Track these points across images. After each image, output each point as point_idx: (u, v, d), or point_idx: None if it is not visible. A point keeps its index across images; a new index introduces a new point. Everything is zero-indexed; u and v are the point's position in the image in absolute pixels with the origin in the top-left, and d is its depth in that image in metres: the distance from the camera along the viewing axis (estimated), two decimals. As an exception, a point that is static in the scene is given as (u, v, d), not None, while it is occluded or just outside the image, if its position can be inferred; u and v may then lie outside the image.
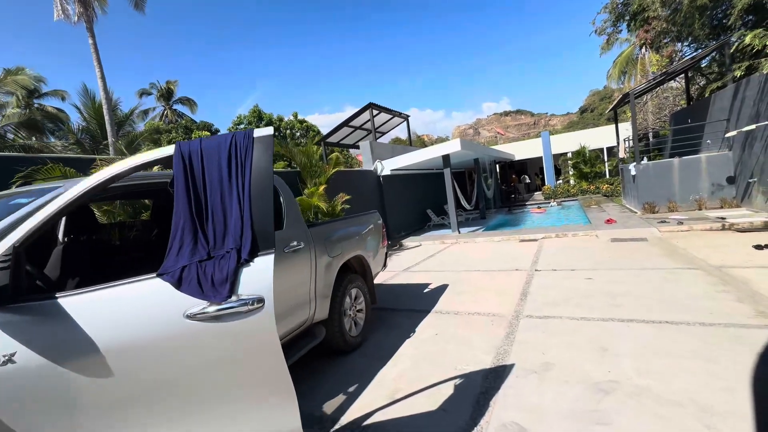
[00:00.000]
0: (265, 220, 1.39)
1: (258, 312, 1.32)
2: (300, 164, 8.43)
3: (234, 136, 1.50)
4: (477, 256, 8.06)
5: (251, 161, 1.42)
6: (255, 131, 1.50)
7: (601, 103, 74.59)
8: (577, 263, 6.19)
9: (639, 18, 10.42)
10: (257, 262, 1.39)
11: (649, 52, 29.02)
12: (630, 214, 10.80)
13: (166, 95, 38.09)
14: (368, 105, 12.33)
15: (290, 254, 2.74)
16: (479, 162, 15.35)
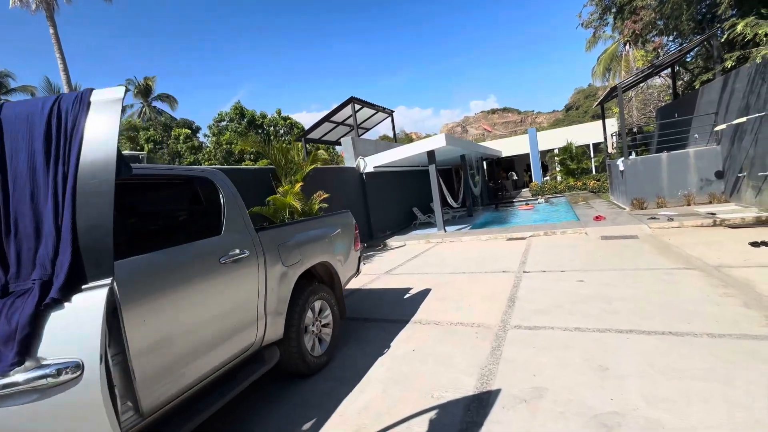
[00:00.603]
0: (99, 231, 0.89)
1: (72, 387, 0.83)
2: (274, 161, 7.88)
3: (59, 100, 0.99)
4: (463, 256, 7.65)
5: (80, 138, 0.92)
6: (92, 92, 0.99)
7: (586, 101, 75.50)
8: (567, 263, 5.83)
9: (627, 9, 10.15)
10: (77, 302, 0.90)
11: (633, 48, 29.29)
12: (618, 210, 10.56)
13: (144, 92, 36.78)
14: (350, 99, 11.81)
15: (229, 266, 2.24)
16: (466, 159, 14.99)
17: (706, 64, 12.77)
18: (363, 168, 11.57)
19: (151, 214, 2.04)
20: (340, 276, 3.50)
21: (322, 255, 3.24)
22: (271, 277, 2.59)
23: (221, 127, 28.31)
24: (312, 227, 3.23)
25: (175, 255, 1.94)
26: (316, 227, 3.31)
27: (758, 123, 7.67)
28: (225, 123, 28.47)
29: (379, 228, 12.44)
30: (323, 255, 3.26)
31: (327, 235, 3.39)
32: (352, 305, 5.10)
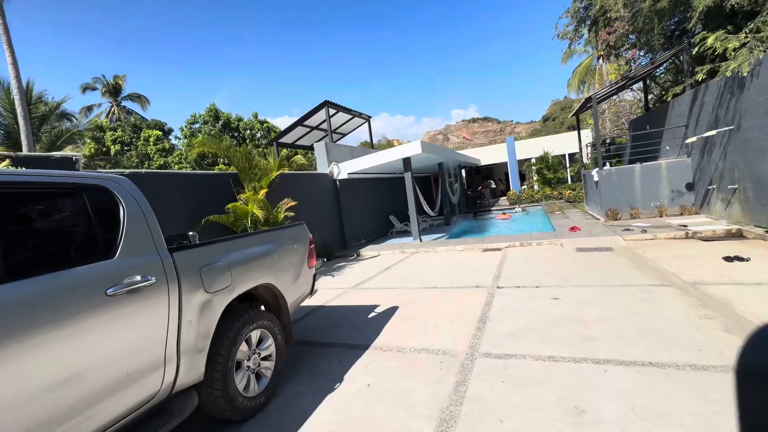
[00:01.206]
0: None
1: None
2: (237, 165, 7.36)
3: None
4: (436, 268, 7.31)
5: None
6: None
7: (562, 113, 77.92)
8: (542, 278, 5.56)
9: (601, 20, 10.21)
10: None
11: (606, 62, 30.25)
12: (593, 221, 10.52)
13: (114, 91, 35.22)
14: (324, 103, 11.40)
15: (120, 298, 1.77)
16: (444, 166, 14.80)
17: (675, 78, 13.08)
18: (337, 174, 11.14)
19: (7, 236, 1.55)
20: (287, 299, 3.05)
21: (263, 276, 2.79)
22: (188, 308, 2.13)
23: (194, 129, 27.27)
24: (252, 244, 2.78)
25: (32, 288, 1.47)
26: (258, 243, 2.85)
27: (727, 136, 7.73)
28: (198, 125, 27.45)
29: (353, 237, 12.01)
30: (265, 276, 2.81)
31: (272, 252, 2.94)
32: (310, 326, 4.64)
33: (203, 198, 6.75)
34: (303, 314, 5.16)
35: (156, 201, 6.09)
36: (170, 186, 6.14)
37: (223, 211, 6.82)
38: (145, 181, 5.71)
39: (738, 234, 6.99)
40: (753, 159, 6.92)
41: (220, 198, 6.98)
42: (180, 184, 6.35)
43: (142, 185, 5.84)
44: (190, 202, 6.48)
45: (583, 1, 11.71)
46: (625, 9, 8.58)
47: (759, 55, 6.39)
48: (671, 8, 8.63)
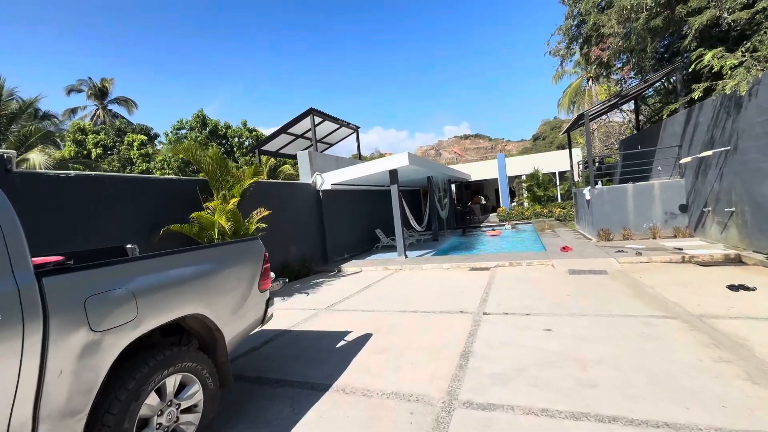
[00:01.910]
0: None
1: None
2: (207, 171, 6.79)
3: None
4: (420, 288, 6.76)
5: None
6: None
7: (552, 132, 79.45)
8: (533, 303, 5.05)
9: (593, 37, 10.06)
10: None
11: (596, 84, 30.75)
12: (585, 240, 10.14)
13: (100, 94, 34.46)
14: (309, 110, 10.95)
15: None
16: (433, 180, 14.41)
17: (666, 100, 13.02)
18: (320, 185, 10.61)
19: None
20: (224, 333, 2.47)
21: (190, 305, 2.22)
22: (58, 354, 1.55)
23: (180, 135, 26.60)
24: (175, 264, 2.21)
25: None
26: (185, 263, 2.29)
27: (723, 157, 7.46)
28: (185, 131, 26.80)
29: (336, 251, 11.42)
30: (193, 304, 2.24)
31: (205, 274, 2.38)
32: (268, 356, 4.03)
33: (166, 206, 6.14)
34: (263, 340, 4.54)
35: (106, 207, 5.50)
36: (124, 191, 5.53)
37: (188, 220, 6.22)
38: (92, 185, 5.10)
39: (737, 259, 6.62)
40: (752, 181, 6.62)
41: (185, 206, 6.37)
42: (137, 189, 5.74)
43: (90, 190, 5.25)
44: (149, 210, 5.86)
45: (575, 19, 11.62)
46: (618, 25, 8.40)
47: (758, 74, 6.15)
48: (665, 26, 8.47)
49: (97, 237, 5.03)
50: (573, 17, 11.60)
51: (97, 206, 5.08)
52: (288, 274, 8.74)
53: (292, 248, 9.36)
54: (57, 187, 4.69)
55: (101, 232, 5.09)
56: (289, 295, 7.18)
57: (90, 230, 4.97)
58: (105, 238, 5.10)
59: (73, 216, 4.81)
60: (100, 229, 5.09)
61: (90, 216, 4.99)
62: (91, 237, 4.96)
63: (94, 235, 5.01)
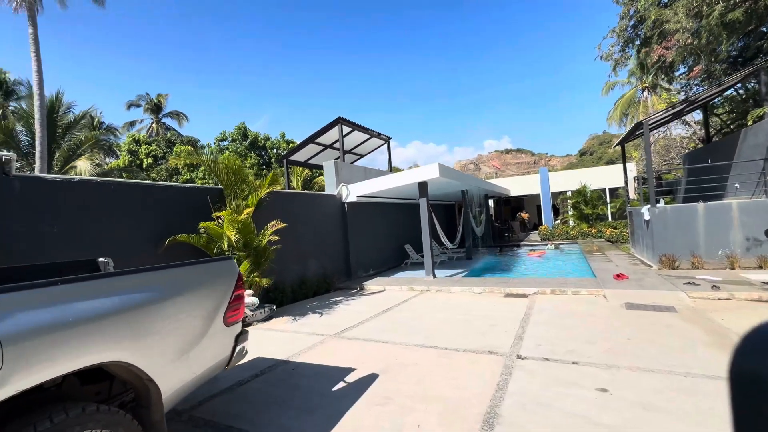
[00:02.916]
0: None
1: None
2: (221, 179, 6.50)
3: None
4: (445, 315, 5.94)
5: None
6: None
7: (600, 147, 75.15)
8: (581, 347, 4.10)
9: (655, 36, 8.86)
10: None
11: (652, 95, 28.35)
12: (643, 268, 8.77)
13: (155, 108, 37.05)
14: (337, 120, 10.61)
15: None
16: (468, 194, 13.51)
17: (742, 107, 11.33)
18: (345, 196, 10.14)
19: None
20: (159, 384, 1.88)
21: (104, 350, 1.65)
22: None
23: (222, 146, 27.68)
24: (87, 293, 1.67)
25: None
26: (105, 292, 1.75)
27: (830, 173, 6.04)
28: (227, 143, 27.86)
29: (361, 266, 10.82)
30: (110, 349, 1.67)
31: (134, 307, 1.82)
32: (250, 397, 3.42)
33: (179, 215, 5.87)
34: (254, 372, 3.97)
35: (111, 215, 5.19)
36: (133, 199, 5.30)
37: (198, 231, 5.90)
38: (97, 190, 4.89)
39: None
40: None
41: (200, 216, 6.08)
42: (147, 197, 5.50)
43: (94, 196, 5.03)
44: (159, 219, 5.60)
45: (632, 19, 10.46)
46: (687, 19, 7.24)
47: None
48: (745, 20, 7.21)
49: (98, 245, 4.78)
50: (629, 17, 10.45)
51: (101, 213, 4.85)
52: (306, 290, 8.24)
53: (312, 262, 8.88)
54: (59, 192, 4.49)
55: (103, 240, 4.84)
56: (302, 314, 6.63)
57: (91, 238, 4.73)
58: (106, 246, 4.84)
59: (74, 222, 4.59)
60: (102, 237, 4.84)
61: (92, 223, 4.76)
62: (92, 245, 4.71)
63: (95, 243, 4.76)
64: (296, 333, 5.40)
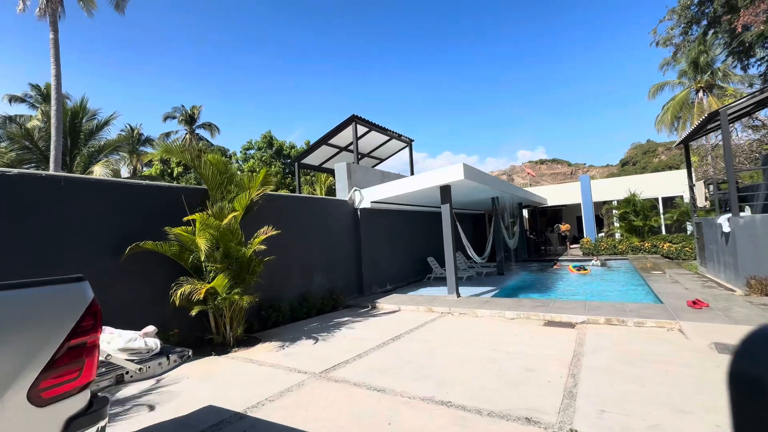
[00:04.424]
0: None
1: None
2: (206, 179, 5.62)
3: None
4: (466, 350, 4.64)
5: None
6: None
7: (644, 157, 70.54)
8: (671, 420, 2.70)
9: (727, 11, 7.19)
10: None
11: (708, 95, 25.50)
12: (724, 292, 6.99)
13: (189, 120, 38.25)
14: (351, 118, 9.64)
15: None
16: (498, 202, 12.06)
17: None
18: (358, 202, 9.07)
19: None
20: None
21: None
22: None
23: (248, 155, 27.73)
24: None
25: None
26: None
27: None
28: (253, 151, 27.90)
29: (376, 281, 9.66)
30: None
31: None
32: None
33: (151, 218, 5.02)
34: (194, 433, 2.88)
35: (63, 216, 3.63)
36: (92, 198, 4.48)
37: (173, 236, 5.01)
38: (43, 187, 4.09)
39: None
40: None
41: (177, 220, 5.20)
42: (112, 196, 4.68)
43: (41, 193, 4.02)
44: (128, 222, 4.76)
45: (697, -5, 8.80)
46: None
47: None
48: None
49: (44, 250, 3.96)
50: (694, -8, 8.81)
51: (50, 214, 4.05)
52: (307, 307, 7.18)
53: (317, 276, 7.83)
54: (-10, 188, 3.70)
55: (49, 247, 4.01)
56: (295, 339, 5.54)
57: (36, 243, 3.90)
58: (52, 254, 4.01)
59: (13, 225, 3.78)
60: (48, 243, 4.01)
61: (37, 226, 3.94)
62: (34, 252, 3.89)
63: (40, 250, 3.94)
64: (275, 368, 4.30)
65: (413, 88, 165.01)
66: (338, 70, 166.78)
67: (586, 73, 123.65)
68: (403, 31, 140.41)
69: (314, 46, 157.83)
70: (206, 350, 5.02)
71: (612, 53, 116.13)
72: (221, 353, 4.94)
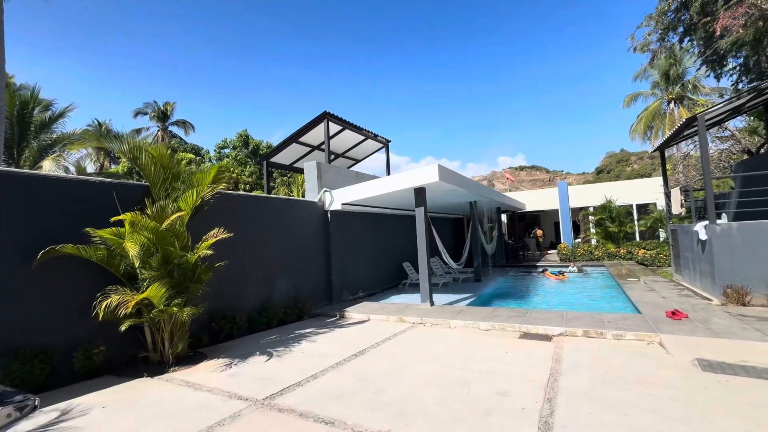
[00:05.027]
0: None
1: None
2: (149, 174, 4.98)
3: None
4: (434, 369, 4.18)
5: None
6: None
7: (618, 165, 72.98)
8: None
9: (701, 19, 7.12)
10: None
11: (679, 107, 26.29)
12: (701, 302, 6.82)
13: (162, 116, 36.67)
14: (323, 115, 9.10)
15: None
16: (477, 207, 11.76)
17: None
18: (328, 204, 8.53)
19: None
20: None
21: None
22: None
23: (223, 154, 26.70)
24: None
25: None
26: None
27: None
28: (228, 150, 26.88)
29: (348, 287, 9.12)
30: None
31: None
32: None
33: (75, 218, 4.34)
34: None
35: None
36: None
37: (102, 239, 4.34)
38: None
39: None
40: None
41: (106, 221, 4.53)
42: (18, 191, 3.99)
43: None
44: (40, 223, 4.08)
45: (674, 2, 8.77)
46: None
47: None
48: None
49: None
50: None
51: None
52: (268, 317, 6.58)
53: (281, 283, 7.24)
54: None
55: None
56: (246, 355, 4.95)
57: None
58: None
59: None
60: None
61: None
62: None
63: None
64: (213, 393, 3.71)
65: (396, 91, 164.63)
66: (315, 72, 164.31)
67: (566, 80, 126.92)
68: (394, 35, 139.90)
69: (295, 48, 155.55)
70: (139, 370, 4.36)
71: (591, 62, 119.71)
72: (156, 374, 4.29)
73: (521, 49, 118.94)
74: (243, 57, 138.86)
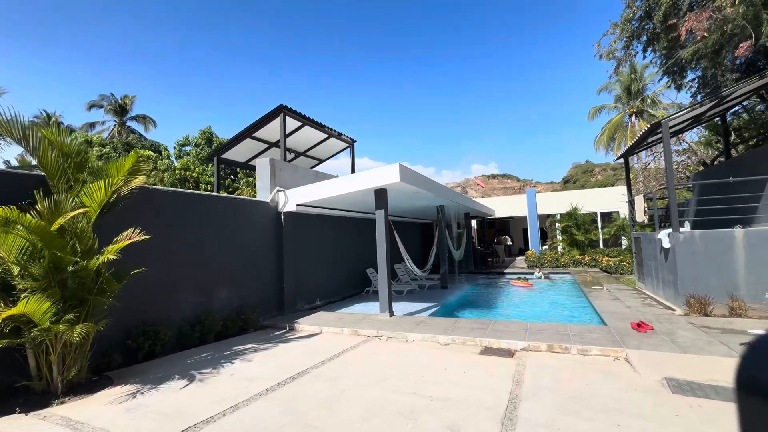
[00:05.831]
0: None
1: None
2: (46, 163, 4.13)
3: None
4: (379, 395, 3.60)
5: None
6: None
7: (583, 176, 75.94)
8: None
9: (665, 28, 7.10)
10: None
11: (639, 120, 27.42)
12: (665, 311, 6.64)
13: (120, 110, 34.41)
14: (278, 108, 8.40)
15: None
16: (444, 211, 11.37)
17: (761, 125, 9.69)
18: (282, 204, 7.82)
19: None
20: None
21: None
22: None
23: (184, 151, 25.19)
24: None
25: None
26: None
27: None
28: (189, 147, 25.39)
29: (303, 296, 8.40)
30: None
31: None
32: None
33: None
34: None
35: None
36: None
37: None
38: None
39: None
40: None
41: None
42: None
43: None
44: None
45: (638, 10, 8.76)
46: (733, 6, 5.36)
47: None
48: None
49: None
50: (635, 7, 8.78)
51: None
52: (203, 331, 5.79)
53: (221, 292, 6.45)
54: None
55: None
56: (162, 380, 4.17)
57: None
58: None
59: None
60: None
61: None
62: None
63: None
64: (96, 435, 2.95)
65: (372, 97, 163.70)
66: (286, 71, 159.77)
67: (537, 93, 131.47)
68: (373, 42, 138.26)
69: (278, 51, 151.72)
70: (13, 404, 3.51)
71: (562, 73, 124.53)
72: (35, 407, 3.46)
73: (498, 63, 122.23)
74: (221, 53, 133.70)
